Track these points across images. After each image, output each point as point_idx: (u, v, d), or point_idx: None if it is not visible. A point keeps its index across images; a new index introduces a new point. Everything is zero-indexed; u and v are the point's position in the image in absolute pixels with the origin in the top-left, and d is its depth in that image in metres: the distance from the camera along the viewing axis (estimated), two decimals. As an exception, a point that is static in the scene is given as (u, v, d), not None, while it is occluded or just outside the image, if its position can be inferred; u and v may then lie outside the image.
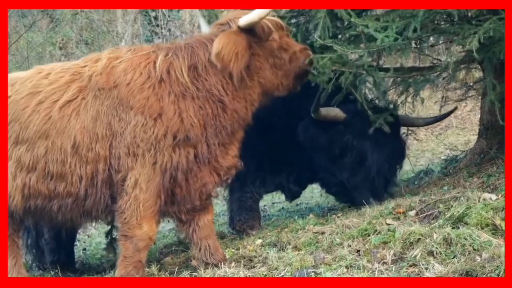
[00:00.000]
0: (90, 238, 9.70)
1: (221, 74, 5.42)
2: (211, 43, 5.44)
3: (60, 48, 23.14)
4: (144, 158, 5.33)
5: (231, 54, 5.27)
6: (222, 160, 5.62)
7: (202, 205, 5.78)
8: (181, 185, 5.50)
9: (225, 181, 5.83)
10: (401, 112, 7.63)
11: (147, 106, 5.33)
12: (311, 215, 6.86)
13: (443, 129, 15.78)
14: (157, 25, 19.72)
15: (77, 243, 8.27)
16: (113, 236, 7.00)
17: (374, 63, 6.71)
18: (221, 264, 5.56)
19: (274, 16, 5.73)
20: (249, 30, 5.44)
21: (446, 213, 5.46)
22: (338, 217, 6.36)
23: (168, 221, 7.29)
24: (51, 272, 7.01)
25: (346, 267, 4.96)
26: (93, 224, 6.13)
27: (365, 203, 6.59)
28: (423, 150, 13.69)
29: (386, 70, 6.76)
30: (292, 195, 7.81)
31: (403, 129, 7.87)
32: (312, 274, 4.95)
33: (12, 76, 5.97)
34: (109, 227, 6.98)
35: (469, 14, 6.29)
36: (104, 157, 5.43)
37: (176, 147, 5.35)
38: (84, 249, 8.80)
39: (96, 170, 5.46)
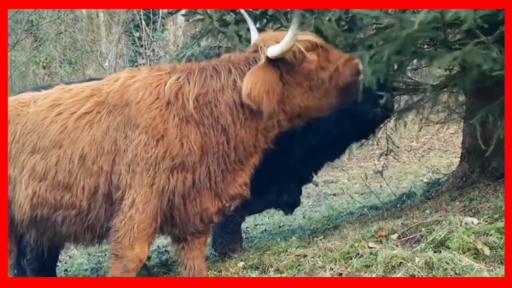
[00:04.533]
0: (72, 259, 9.62)
1: (233, 103, 5.34)
2: (226, 72, 5.41)
3: (44, 68, 23.20)
4: (142, 177, 5.31)
5: (261, 93, 5.13)
6: (226, 187, 5.52)
7: (206, 228, 5.80)
8: (180, 209, 5.45)
9: (228, 208, 5.67)
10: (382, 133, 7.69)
11: (151, 126, 5.32)
12: (293, 238, 6.84)
13: (425, 152, 15.86)
14: (141, 46, 19.73)
15: (58, 264, 8.21)
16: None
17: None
18: (201, 288, 5.53)
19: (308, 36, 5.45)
20: (280, 59, 5.26)
21: (428, 237, 5.48)
22: (320, 240, 6.36)
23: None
24: (32, 293, 6.96)
25: (328, 290, 4.95)
26: (100, 243, 6.04)
27: None
28: (406, 172, 13.71)
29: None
30: (290, 207, 7.69)
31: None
32: (294, 297, 4.93)
33: (33, 93, 6.12)
34: None
35: (449, 38, 6.34)
36: (106, 172, 5.42)
37: (174, 171, 5.31)
38: (66, 270, 8.74)
39: (98, 184, 5.45)
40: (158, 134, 5.30)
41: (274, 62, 5.24)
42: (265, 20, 7.28)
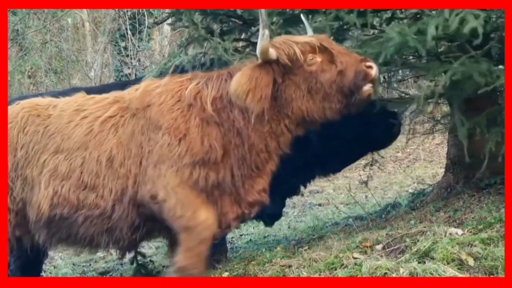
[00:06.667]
0: (56, 269, 9.57)
1: (244, 107, 5.33)
2: None
3: (29, 77, 23.15)
4: (167, 173, 5.37)
5: (245, 90, 5.16)
6: (245, 194, 5.56)
7: (223, 234, 5.88)
8: None
9: (247, 215, 5.71)
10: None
11: (174, 127, 5.41)
12: (278, 248, 6.81)
13: (411, 162, 15.85)
14: (127, 55, 19.73)
15: (42, 274, 8.16)
16: (139, 262, 7.30)
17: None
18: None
19: (312, 37, 5.45)
20: (274, 61, 5.25)
21: (412, 248, 5.47)
22: (305, 250, 6.34)
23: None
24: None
25: (313, 301, 4.94)
26: (112, 248, 6.06)
27: None
28: (391, 182, 13.70)
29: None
30: (272, 219, 7.70)
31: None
32: (279, 308, 4.92)
33: (51, 99, 6.18)
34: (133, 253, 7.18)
35: (439, 50, 6.35)
36: (134, 174, 5.50)
37: (196, 166, 5.35)
38: (50, 280, 8.68)
39: (126, 186, 5.52)
40: (180, 134, 5.39)
41: (268, 64, 5.27)
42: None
